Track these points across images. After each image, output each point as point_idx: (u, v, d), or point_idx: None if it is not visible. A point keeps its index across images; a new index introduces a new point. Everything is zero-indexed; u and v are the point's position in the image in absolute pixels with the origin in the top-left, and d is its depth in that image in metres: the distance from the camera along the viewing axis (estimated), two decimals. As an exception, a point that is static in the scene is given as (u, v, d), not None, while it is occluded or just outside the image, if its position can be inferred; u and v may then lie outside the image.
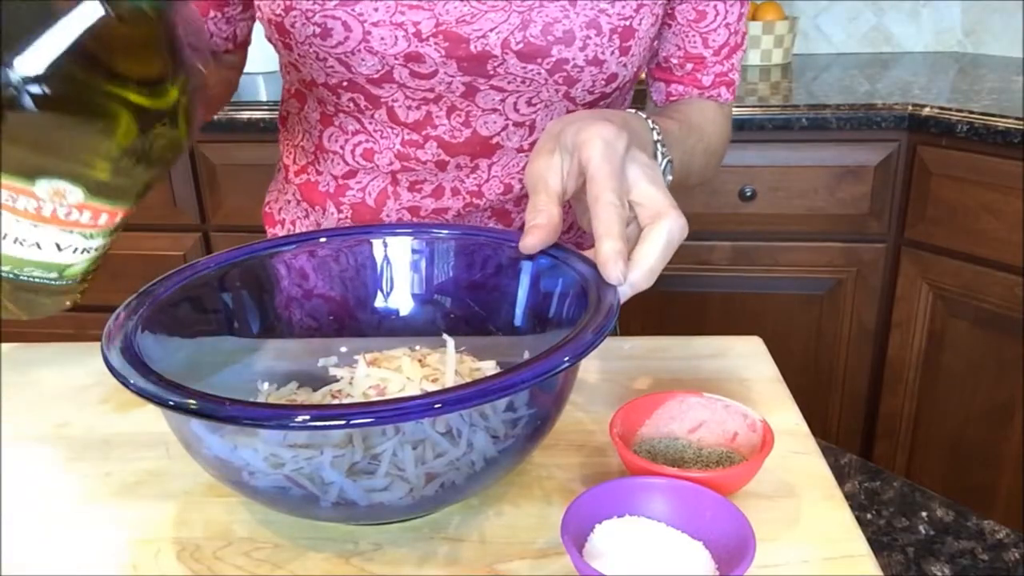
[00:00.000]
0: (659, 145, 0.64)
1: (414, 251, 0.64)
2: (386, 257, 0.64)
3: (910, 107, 1.49)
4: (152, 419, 0.62)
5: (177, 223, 1.79)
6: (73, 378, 0.70)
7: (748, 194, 1.59)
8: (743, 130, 1.54)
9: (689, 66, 0.79)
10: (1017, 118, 1.38)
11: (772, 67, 1.93)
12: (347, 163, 0.79)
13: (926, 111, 1.47)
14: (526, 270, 0.60)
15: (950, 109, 1.46)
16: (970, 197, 1.46)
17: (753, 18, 1.92)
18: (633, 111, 0.64)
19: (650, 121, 0.65)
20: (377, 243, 0.64)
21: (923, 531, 0.55)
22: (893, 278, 1.60)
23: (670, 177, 0.66)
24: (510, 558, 0.49)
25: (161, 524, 0.53)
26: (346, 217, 0.82)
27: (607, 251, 0.50)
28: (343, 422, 0.40)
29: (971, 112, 1.43)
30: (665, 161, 0.65)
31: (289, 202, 0.87)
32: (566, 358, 0.44)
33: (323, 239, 0.63)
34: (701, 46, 0.78)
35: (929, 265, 1.54)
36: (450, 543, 0.50)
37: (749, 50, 1.95)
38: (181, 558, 0.50)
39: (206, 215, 1.78)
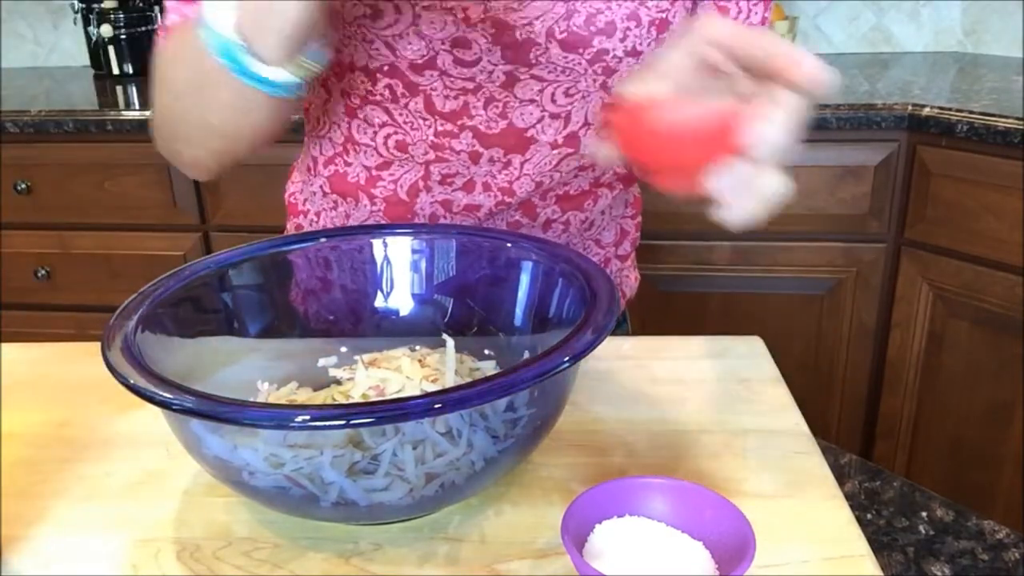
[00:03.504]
0: None
1: (414, 251, 0.64)
2: (386, 257, 0.64)
3: (910, 107, 1.49)
4: (152, 419, 0.62)
5: (177, 223, 1.79)
6: (73, 378, 0.70)
7: (748, 194, 1.58)
8: (743, 130, 1.53)
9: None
10: (1017, 118, 1.38)
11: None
12: (381, 155, 0.79)
13: (926, 111, 1.47)
14: (526, 270, 0.60)
15: (950, 109, 1.46)
16: (970, 197, 1.46)
17: (753, 18, 1.91)
18: None
19: None
20: (377, 243, 0.64)
21: (923, 531, 0.55)
22: (893, 278, 1.60)
23: None
24: (510, 558, 0.49)
25: (161, 524, 0.53)
26: (379, 210, 0.82)
27: (813, 63, 0.45)
28: (343, 422, 0.40)
29: (971, 112, 1.43)
30: None
31: (315, 193, 0.87)
32: (566, 358, 0.44)
33: (323, 239, 0.64)
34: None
35: (929, 265, 1.54)
36: (450, 543, 0.50)
37: (749, 50, 1.95)
38: (181, 558, 0.50)
39: (206, 215, 1.78)
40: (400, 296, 0.64)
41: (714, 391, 0.65)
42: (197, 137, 0.68)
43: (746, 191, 0.47)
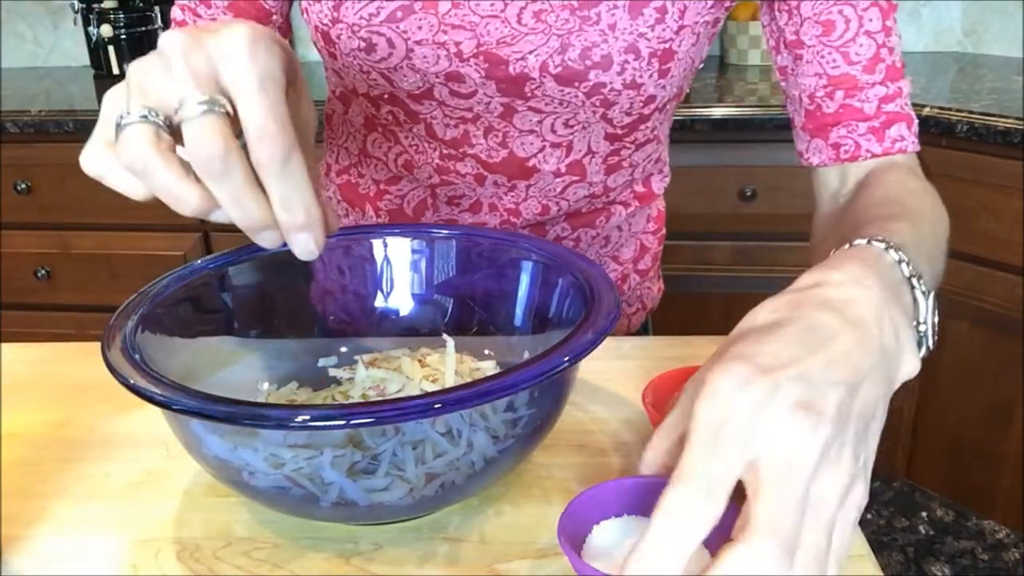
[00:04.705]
0: (914, 281, 0.49)
1: (414, 251, 0.64)
2: (386, 257, 0.64)
3: (910, 107, 1.49)
4: (152, 419, 0.62)
5: (177, 223, 1.79)
6: (73, 378, 0.70)
7: (748, 194, 1.59)
8: (743, 130, 1.53)
9: (839, 94, 0.67)
10: (1017, 118, 1.38)
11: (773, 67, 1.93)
12: (391, 170, 0.79)
13: (926, 111, 1.47)
14: (526, 270, 0.60)
15: (950, 109, 1.46)
16: (970, 197, 1.46)
17: (753, 17, 1.91)
18: (867, 242, 0.50)
19: (892, 252, 0.49)
20: (377, 243, 0.64)
21: (923, 531, 0.55)
22: (893, 278, 1.60)
23: (930, 343, 0.49)
24: (510, 558, 0.49)
25: (161, 524, 0.53)
26: (384, 223, 0.82)
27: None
28: (343, 422, 0.40)
29: (971, 112, 1.43)
30: (927, 303, 0.49)
31: (329, 199, 0.87)
32: (566, 358, 0.44)
33: (323, 239, 0.63)
34: (844, 63, 0.66)
35: (929, 265, 1.54)
36: (450, 543, 0.50)
37: (748, 50, 1.95)
38: (181, 558, 0.50)
39: (206, 215, 1.78)
40: (400, 296, 0.64)
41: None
42: None
43: None
